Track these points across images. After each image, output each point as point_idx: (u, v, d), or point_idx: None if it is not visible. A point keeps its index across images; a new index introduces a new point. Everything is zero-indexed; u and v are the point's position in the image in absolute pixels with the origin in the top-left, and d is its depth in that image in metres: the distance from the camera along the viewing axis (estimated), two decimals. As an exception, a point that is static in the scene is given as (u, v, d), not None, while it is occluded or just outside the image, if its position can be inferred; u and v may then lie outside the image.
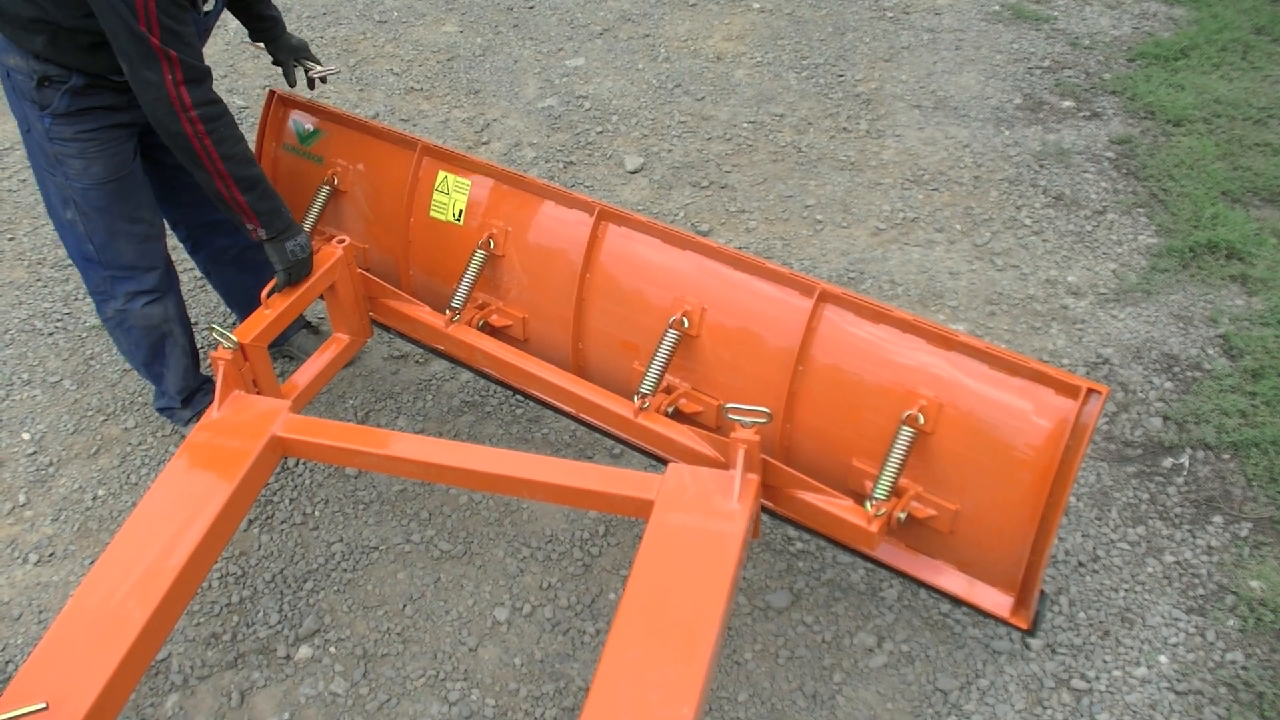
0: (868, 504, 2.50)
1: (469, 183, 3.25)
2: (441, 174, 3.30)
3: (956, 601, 2.69)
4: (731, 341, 2.84)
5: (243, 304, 3.74)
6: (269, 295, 3.10)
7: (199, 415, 3.51)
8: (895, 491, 2.53)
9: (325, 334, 3.94)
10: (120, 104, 3.00)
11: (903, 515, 2.52)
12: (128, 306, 3.29)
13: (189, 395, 3.60)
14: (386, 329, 3.55)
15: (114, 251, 3.19)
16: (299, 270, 3.09)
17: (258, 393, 3.00)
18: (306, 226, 3.45)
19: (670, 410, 2.86)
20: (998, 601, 2.61)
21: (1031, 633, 2.59)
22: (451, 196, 3.28)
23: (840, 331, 2.68)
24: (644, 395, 2.81)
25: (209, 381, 3.63)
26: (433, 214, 3.33)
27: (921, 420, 2.52)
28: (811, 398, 2.74)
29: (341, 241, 3.23)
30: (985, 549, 2.58)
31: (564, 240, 3.09)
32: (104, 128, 3.01)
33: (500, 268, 3.22)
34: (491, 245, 3.18)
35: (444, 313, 3.16)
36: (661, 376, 2.85)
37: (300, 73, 3.56)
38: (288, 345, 3.93)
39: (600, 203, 3.00)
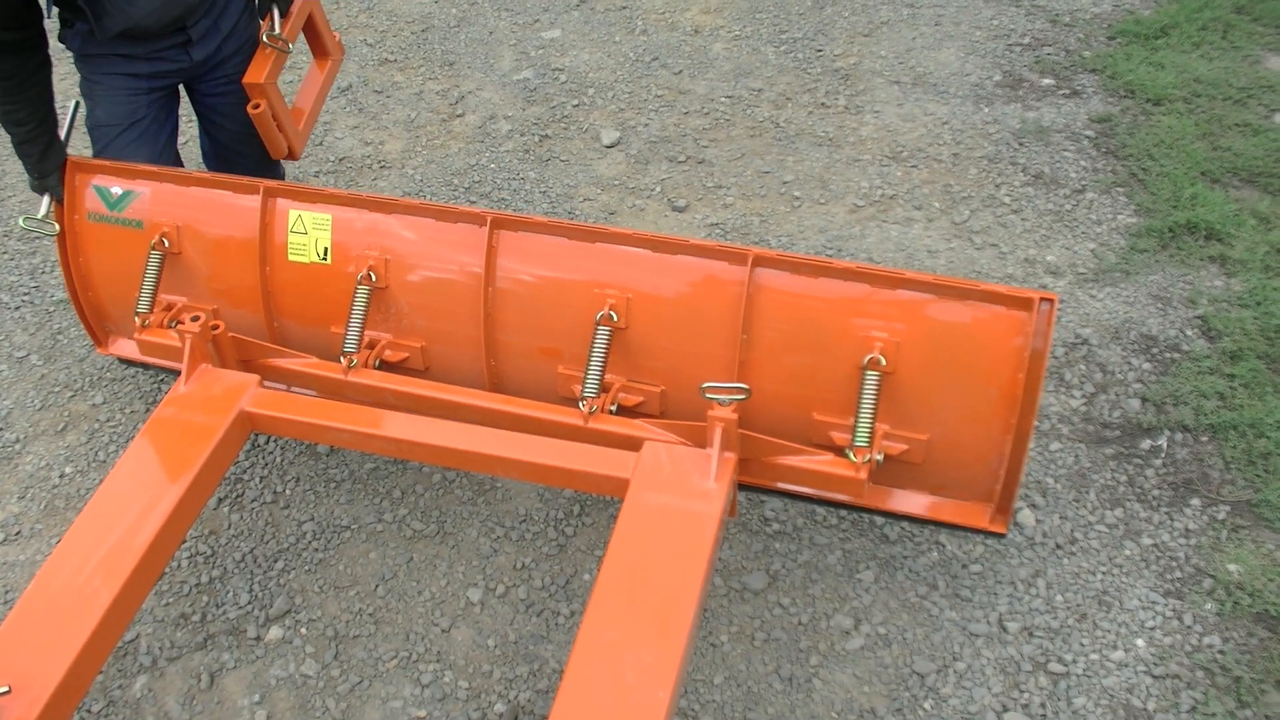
0: (849, 453, 2.53)
1: (329, 217, 3.03)
2: (294, 213, 3.05)
3: (936, 524, 2.78)
4: (667, 325, 2.79)
5: None
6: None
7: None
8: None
9: None
10: (139, 54, 3.15)
11: (880, 457, 2.55)
12: None
13: None
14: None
15: None
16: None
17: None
18: (144, 300, 3.11)
19: (614, 408, 2.80)
20: (975, 513, 2.72)
21: (1005, 536, 2.72)
22: (311, 235, 3.04)
23: (781, 293, 2.68)
24: (588, 399, 2.73)
25: None
26: (292, 258, 3.08)
27: (883, 361, 2.55)
28: (763, 363, 2.73)
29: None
30: (960, 469, 2.66)
31: (457, 258, 2.92)
32: (112, 74, 3.20)
33: (386, 300, 3.01)
34: (373, 278, 2.96)
35: (338, 360, 2.95)
36: (602, 375, 2.76)
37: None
38: None
39: (491, 211, 2.86)
